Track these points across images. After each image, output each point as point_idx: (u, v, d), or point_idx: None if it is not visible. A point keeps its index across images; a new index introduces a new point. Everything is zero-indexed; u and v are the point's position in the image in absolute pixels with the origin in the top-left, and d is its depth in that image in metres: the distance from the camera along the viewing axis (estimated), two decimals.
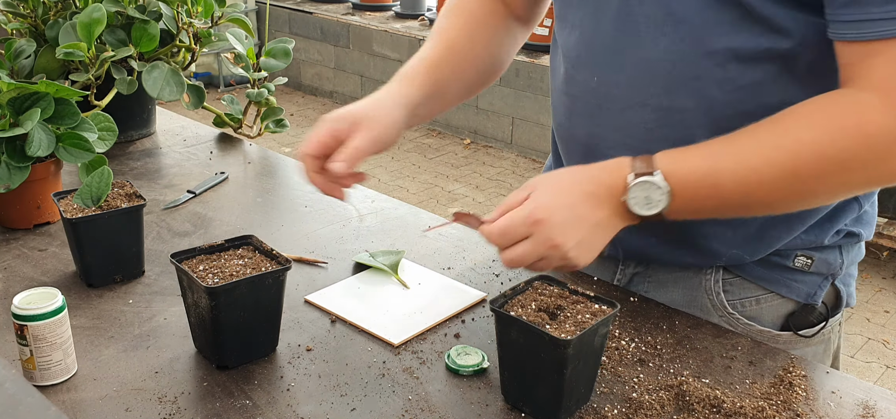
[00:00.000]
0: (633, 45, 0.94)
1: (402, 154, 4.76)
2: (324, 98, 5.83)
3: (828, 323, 1.07)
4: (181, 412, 0.85)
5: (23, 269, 1.14)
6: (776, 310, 1.06)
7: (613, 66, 0.97)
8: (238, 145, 1.66)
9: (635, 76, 0.96)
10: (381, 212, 1.36)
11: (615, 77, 0.97)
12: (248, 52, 1.57)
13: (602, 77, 0.99)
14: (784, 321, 1.07)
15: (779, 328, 1.06)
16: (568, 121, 1.06)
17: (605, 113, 1.00)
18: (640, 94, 0.96)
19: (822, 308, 1.07)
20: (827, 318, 1.07)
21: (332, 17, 5.60)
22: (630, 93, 0.97)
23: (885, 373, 2.81)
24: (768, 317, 1.06)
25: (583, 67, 1.01)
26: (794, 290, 1.05)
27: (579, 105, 1.03)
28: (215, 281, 0.90)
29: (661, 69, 0.93)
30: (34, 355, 0.88)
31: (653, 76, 0.94)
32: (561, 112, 1.08)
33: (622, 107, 0.98)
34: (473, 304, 1.07)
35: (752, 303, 1.06)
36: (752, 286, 1.05)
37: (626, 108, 0.97)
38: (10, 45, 1.45)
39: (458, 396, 0.89)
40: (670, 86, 0.94)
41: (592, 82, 1.00)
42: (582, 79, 1.01)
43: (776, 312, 1.06)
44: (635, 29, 0.94)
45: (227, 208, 1.36)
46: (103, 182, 1.10)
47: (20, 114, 1.17)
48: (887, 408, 0.88)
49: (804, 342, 1.06)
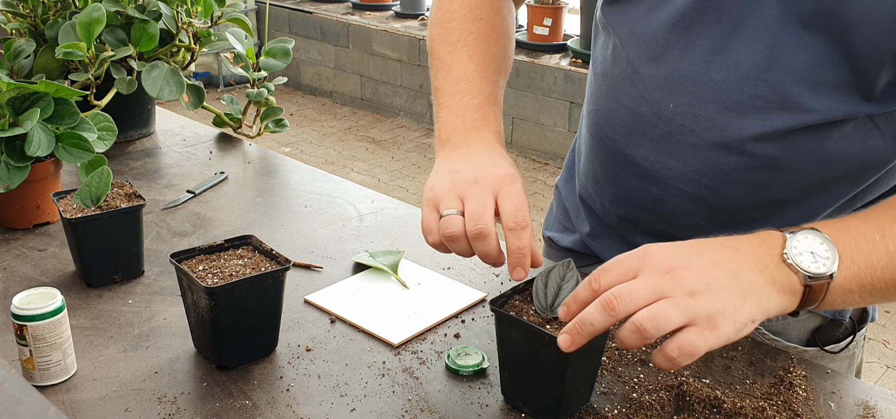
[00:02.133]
0: (724, 80, 0.90)
1: (403, 154, 4.76)
2: (323, 98, 5.83)
3: (855, 338, 1.05)
4: (181, 412, 0.85)
5: (22, 269, 1.14)
6: (803, 326, 1.04)
7: (696, 98, 0.92)
8: (238, 145, 1.66)
9: (718, 113, 0.91)
10: (381, 212, 1.36)
11: (696, 110, 0.92)
12: (248, 52, 1.57)
13: (679, 107, 0.93)
14: (810, 336, 1.05)
15: (804, 343, 1.05)
16: (625, 138, 1.00)
17: (674, 142, 0.95)
18: (722, 134, 0.91)
19: (849, 323, 1.05)
20: (854, 333, 1.05)
21: (332, 17, 5.60)
22: (710, 131, 0.92)
23: (885, 374, 2.81)
24: (795, 333, 1.04)
25: (658, 88, 0.95)
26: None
27: (644, 127, 0.97)
28: (215, 281, 0.90)
29: (751, 111, 0.89)
30: (33, 355, 0.88)
31: (739, 117, 0.89)
32: (614, 127, 1.01)
33: (696, 142, 0.93)
34: (473, 304, 1.07)
35: (780, 318, 1.02)
36: None
37: (701, 145, 0.93)
38: (10, 45, 1.45)
39: (458, 396, 0.89)
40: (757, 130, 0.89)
41: (668, 109, 0.94)
42: (654, 100, 0.95)
43: (803, 327, 1.04)
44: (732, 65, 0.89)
45: (226, 208, 1.36)
46: (103, 182, 1.10)
47: (20, 114, 1.17)
48: (887, 408, 0.88)
49: (830, 357, 1.04)
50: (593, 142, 1.08)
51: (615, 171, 1.04)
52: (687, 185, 0.96)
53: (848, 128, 0.89)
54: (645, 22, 0.95)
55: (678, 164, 0.96)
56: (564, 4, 4.61)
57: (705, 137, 0.92)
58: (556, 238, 1.22)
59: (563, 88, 4.42)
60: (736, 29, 0.88)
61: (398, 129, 5.19)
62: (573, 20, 4.75)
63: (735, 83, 0.89)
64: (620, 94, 1.00)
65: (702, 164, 0.94)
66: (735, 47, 0.88)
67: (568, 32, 4.71)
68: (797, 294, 0.76)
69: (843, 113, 0.87)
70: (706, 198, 0.97)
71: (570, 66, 4.41)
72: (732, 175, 0.93)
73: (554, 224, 1.25)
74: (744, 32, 0.88)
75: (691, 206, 0.98)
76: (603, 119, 1.04)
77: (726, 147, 0.92)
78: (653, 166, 0.98)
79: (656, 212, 1.02)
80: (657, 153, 0.97)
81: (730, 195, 0.95)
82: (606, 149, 1.05)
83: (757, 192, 0.95)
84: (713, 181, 0.94)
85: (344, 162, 4.65)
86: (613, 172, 1.05)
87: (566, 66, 4.40)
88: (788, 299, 0.76)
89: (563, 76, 4.41)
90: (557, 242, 1.22)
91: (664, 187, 0.98)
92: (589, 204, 1.14)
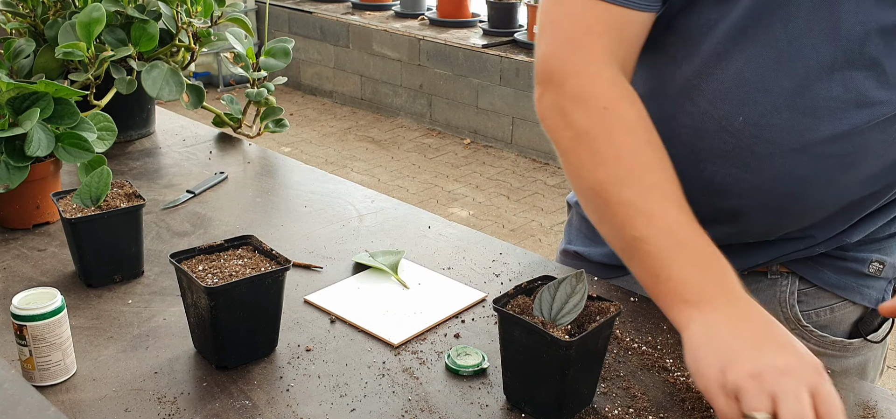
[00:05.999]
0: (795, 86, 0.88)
1: (403, 154, 4.76)
2: (323, 98, 5.83)
3: (894, 322, 1.07)
4: (180, 412, 0.85)
5: (22, 269, 1.14)
6: (848, 318, 1.06)
7: (767, 107, 0.90)
8: (237, 145, 1.66)
9: (792, 120, 0.89)
10: (381, 213, 1.36)
11: (768, 120, 0.90)
12: (248, 52, 1.57)
13: (750, 118, 0.91)
14: (852, 328, 1.06)
15: (848, 336, 1.06)
16: (686, 156, 0.94)
17: (746, 154, 0.92)
18: (800, 139, 0.89)
19: None
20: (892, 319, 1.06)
21: (332, 17, 5.60)
22: (786, 137, 0.90)
23: (885, 374, 2.81)
24: (840, 326, 1.05)
25: (723, 102, 0.92)
26: (866, 297, 1.05)
27: (710, 142, 0.94)
28: (215, 281, 0.90)
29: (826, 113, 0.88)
30: (33, 355, 0.88)
31: (815, 120, 0.88)
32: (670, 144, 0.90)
33: (771, 152, 0.91)
34: (473, 304, 1.07)
35: (827, 313, 1.05)
36: (828, 295, 1.05)
37: (776, 153, 0.91)
38: (10, 45, 1.45)
39: (458, 396, 0.89)
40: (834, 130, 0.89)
41: (737, 121, 0.91)
42: (720, 114, 0.92)
43: (848, 319, 1.06)
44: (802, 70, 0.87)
45: (226, 208, 1.36)
46: (102, 182, 1.10)
47: (19, 113, 1.17)
48: (887, 408, 0.88)
49: (869, 347, 1.06)
50: None
51: None
52: (764, 195, 0.94)
53: None
54: (702, 36, 0.92)
55: (752, 176, 0.93)
56: None
57: (781, 146, 0.91)
58: (586, 253, 1.18)
59: None
60: (802, 32, 0.86)
61: (398, 128, 5.19)
62: None
63: (807, 87, 0.88)
64: (678, 113, 0.96)
65: (779, 173, 0.92)
66: (803, 51, 0.87)
67: None
68: None
69: None
70: (784, 204, 0.95)
71: None
72: (809, 179, 0.92)
73: (578, 238, 1.21)
74: (811, 35, 0.86)
75: (769, 214, 0.97)
76: None
77: (804, 152, 0.90)
78: (724, 181, 0.95)
79: (728, 224, 0.99)
80: (728, 167, 0.94)
81: (807, 199, 0.94)
82: None
83: (831, 188, 0.94)
84: (791, 188, 0.93)
85: (344, 162, 4.65)
86: None
87: None
88: None
89: None
90: (588, 257, 1.18)
91: (739, 200, 0.96)
92: None
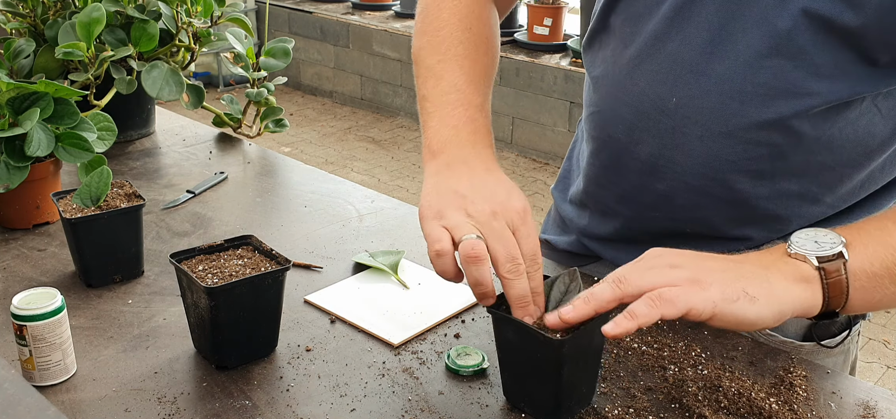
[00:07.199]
0: (726, 70, 0.90)
1: (403, 154, 4.76)
2: (323, 98, 5.83)
3: (850, 332, 1.05)
4: (180, 412, 0.85)
5: (22, 269, 1.14)
6: (800, 321, 1.04)
7: (699, 90, 0.92)
8: (237, 145, 1.66)
9: (721, 103, 0.91)
10: (381, 213, 1.36)
11: (699, 102, 0.92)
12: (248, 52, 1.57)
13: (682, 100, 0.93)
14: (806, 331, 1.05)
15: (801, 338, 1.05)
16: (627, 135, 1.00)
17: (679, 136, 0.95)
18: (727, 124, 0.91)
19: (844, 317, 1.04)
20: (849, 328, 1.05)
21: (332, 17, 5.60)
22: (714, 120, 0.92)
23: (885, 374, 2.81)
24: (792, 328, 1.04)
25: (660, 83, 0.95)
26: None
27: (647, 123, 0.97)
28: (215, 281, 0.90)
29: (754, 99, 0.90)
30: (33, 355, 0.88)
31: (743, 105, 0.90)
32: (616, 126, 1.01)
33: (701, 134, 0.93)
34: (473, 304, 1.07)
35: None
36: None
37: (706, 136, 0.93)
38: (10, 45, 1.45)
39: (458, 396, 0.89)
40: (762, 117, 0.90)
41: (671, 103, 0.94)
42: (657, 95, 0.95)
43: (800, 322, 1.04)
44: (732, 54, 0.89)
45: (226, 208, 1.36)
46: (102, 182, 1.10)
47: (19, 113, 1.17)
48: (888, 408, 0.88)
49: (826, 353, 1.05)
50: (595, 144, 1.08)
51: (620, 170, 1.04)
52: (693, 178, 0.96)
53: (850, 112, 0.90)
54: (646, 17, 0.96)
55: (683, 157, 0.96)
56: (564, 4, 4.61)
57: (710, 128, 0.93)
58: (553, 241, 1.24)
59: (563, 88, 4.41)
60: (734, 16, 0.88)
61: (398, 129, 5.19)
62: (573, 20, 4.76)
63: (736, 72, 0.89)
64: (622, 93, 1.00)
65: (707, 156, 0.94)
66: (734, 36, 0.89)
67: (568, 32, 4.71)
68: (813, 281, 0.78)
69: (845, 95, 0.88)
70: (713, 190, 0.97)
71: (571, 65, 4.40)
72: (738, 165, 0.94)
73: (552, 227, 1.27)
74: (742, 20, 0.88)
75: (699, 199, 0.99)
76: (605, 120, 1.04)
77: (731, 136, 0.92)
78: (658, 162, 0.98)
79: (663, 209, 1.02)
80: (662, 148, 0.97)
81: (737, 187, 0.96)
82: (609, 149, 1.05)
83: (762, 181, 0.95)
84: (719, 173, 0.95)
85: (344, 162, 4.65)
86: (618, 172, 1.05)
87: (566, 66, 4.40)
88: (804, 287, 0.78)
89: (563, 76, 4.41)
90: (554, 245, 1.23)
91: (671, 182, 0.99)
92: (590, 206, 1.14)
